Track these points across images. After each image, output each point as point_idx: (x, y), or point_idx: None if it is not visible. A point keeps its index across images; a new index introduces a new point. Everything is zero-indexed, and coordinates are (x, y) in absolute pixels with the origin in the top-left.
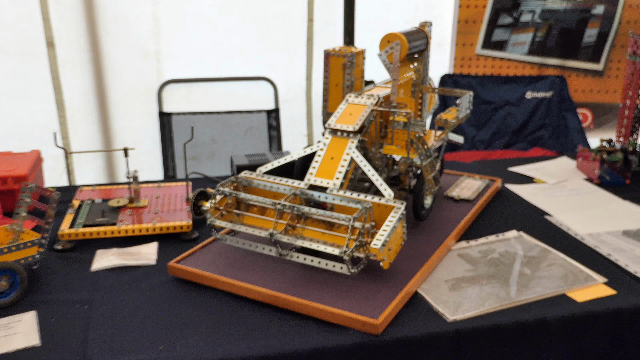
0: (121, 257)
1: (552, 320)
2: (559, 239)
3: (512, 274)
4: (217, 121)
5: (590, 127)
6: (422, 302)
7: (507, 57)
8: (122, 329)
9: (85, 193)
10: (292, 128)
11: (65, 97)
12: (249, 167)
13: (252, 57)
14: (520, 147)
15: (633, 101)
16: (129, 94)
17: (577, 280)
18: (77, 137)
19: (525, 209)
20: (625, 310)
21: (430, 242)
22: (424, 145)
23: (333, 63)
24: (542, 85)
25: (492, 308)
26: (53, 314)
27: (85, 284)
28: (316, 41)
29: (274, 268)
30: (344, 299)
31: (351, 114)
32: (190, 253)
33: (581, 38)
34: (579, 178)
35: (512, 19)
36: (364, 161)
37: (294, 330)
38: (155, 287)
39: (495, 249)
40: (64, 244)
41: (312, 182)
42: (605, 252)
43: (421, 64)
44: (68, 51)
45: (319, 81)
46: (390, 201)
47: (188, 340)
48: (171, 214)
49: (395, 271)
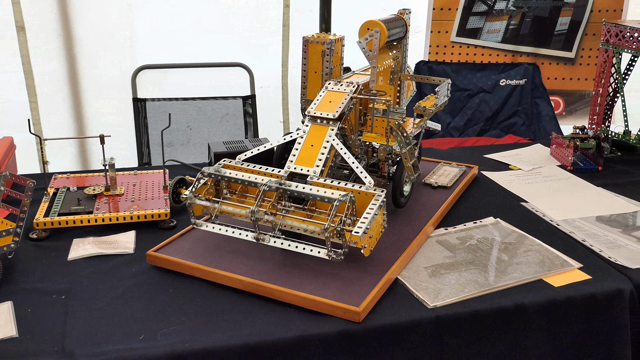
0: (98, 245)
1: (530, 305)
2: (535, 225)
3: (490, 260)
4: (193, 107)
5: (562, 114)
6: (403, 289)
7: (482, 44)
8: (102, 318)
9: (59, 180)
10: (268, 115)
11: (36, 83)
12: (227, 154)
13: (228, 43)
14: (494, 134)
15: (605, 89)
16: (102, 80)
17: (554, 266)
18: (49, 124)
19: (502, 196)
20: (600, 294)
21: (409, 229)
22: (403, 132)
23: (312, 50)
24: (516, 72)
25: (472, 294)
26: (30, 304)
27: (62, 274)
28: (292, 27)
29: (254, 256)
30: (326, 287)
31: (331, 102)
32: (169, 241)
33: (554, 26)
34: (552, 165)
35: (487, 7)
36: (344, 149)
37: (277, 318)
38: (134, 276)
39: (473, 235)
40: (39, 233)
41: (292, 169)
42: (580, 238)
43: (400, 51)
44: (39, 36)
45: (295, 68)
46: (371, 189)
47: (169, 330)
48: (148, 202)
49: (376, 259)
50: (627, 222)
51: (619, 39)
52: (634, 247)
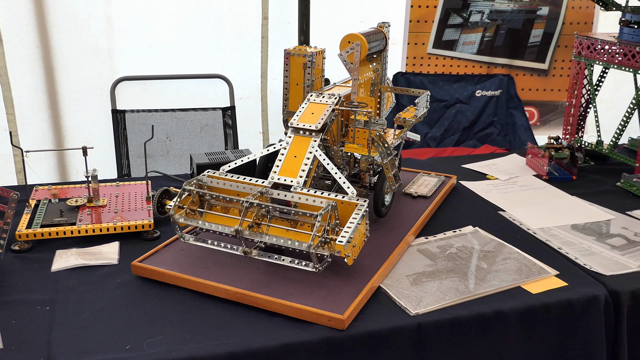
0: (82, 257)
1: (509, 312)
2: (513, 233)
3: (470, 268)
4: (172, 119)
5: (536, 124)
6: (385, 297)
7: (457, 56)
8: (87, 329)
9: (41, 192)
10: (247, 126)
11: (14, 95)
12: (210, 165)
13: (207, 54)
14: (470, 144)
15: (578, 100)
16: (81, 92)
17: (531, 273)
18: (26, 135)
19: (480, 205)
20: (576, 300)
21: (390, 238)
22: (384, 143)
23: (293, 62)
24: (491, 83)
25: (452, 301)
26: (14, 316)
27: (46, 285)
28: (271, 40)
29: (238, 266)
30: (310, 295)
31: (313, 113)
32: (153, 252)
33: (527, 38)
34: (528, 174)
35: (462, 19)
36: (326, 159)
37: (261, 327)
38: (118, 287)
39: (453, 244)
40: (21, 245)
41: (275, 180)
42: (556, 246)
43: (380, 63)
44: (17, 47)
45: (274, 79)
46: (354, 199)
47: (155, 340)
48: (132, 213)
49: (359, 267)
50: (601, 230)
51: (590, 51)
52: (608, 255)
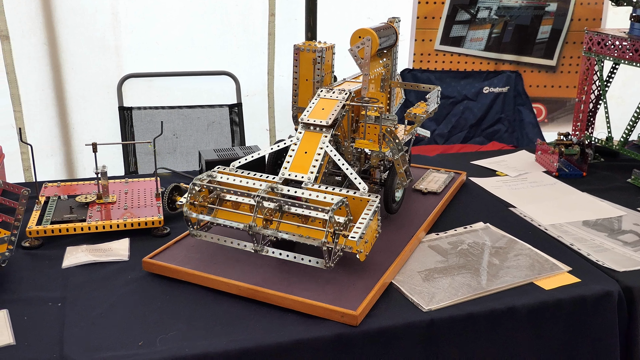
0: (92, 253)
1: (522, 308)
2: (524, 229)
3: (482, 264)
4: (179, 116)
5: (544, 121)
6: (397, 293)
7: (465, 52)
8: (99, 325)
9: (50, 189)
10: (254, 122)
11: (21, 92)
12: (219, 162)
13: (214, 51)
14: (478, 141)
15: (588, 96)
16: (88, 89)
17: (544, 269)
18: (34, 132)
19: (490, 201)
20: (589, 296)
21: (401, 234)
22: (395, 139)
23: (303, 58)
24: (499, 80)
25: (465, 297)
26: (25, 312)
27: (57, 282)
28: (278, 36)
29: (249, 262)
30: (322, 291)
31: (323, 109)
32: (164, 248)
33: (535, 34)
34: (538, 171)
35: (470, 16)
36: (337, 155)
37: (274, 323)
38: (129, 283)
39: (464, 240)
40: (32, 241)
41: (286, 176)
42: (568, 242)
43: (390, 59)
44: (24, 44)
45: (281, 76)
46: (365, 195)
47: (167, 336)
48: (141, 210)
49: (370, 263)
50: (613, 226)
51: (600, 47)
52: (620, 251)
